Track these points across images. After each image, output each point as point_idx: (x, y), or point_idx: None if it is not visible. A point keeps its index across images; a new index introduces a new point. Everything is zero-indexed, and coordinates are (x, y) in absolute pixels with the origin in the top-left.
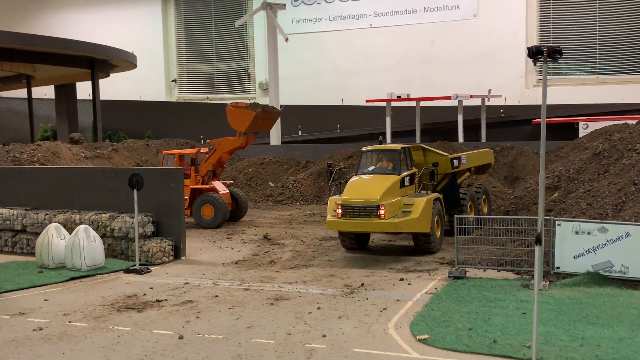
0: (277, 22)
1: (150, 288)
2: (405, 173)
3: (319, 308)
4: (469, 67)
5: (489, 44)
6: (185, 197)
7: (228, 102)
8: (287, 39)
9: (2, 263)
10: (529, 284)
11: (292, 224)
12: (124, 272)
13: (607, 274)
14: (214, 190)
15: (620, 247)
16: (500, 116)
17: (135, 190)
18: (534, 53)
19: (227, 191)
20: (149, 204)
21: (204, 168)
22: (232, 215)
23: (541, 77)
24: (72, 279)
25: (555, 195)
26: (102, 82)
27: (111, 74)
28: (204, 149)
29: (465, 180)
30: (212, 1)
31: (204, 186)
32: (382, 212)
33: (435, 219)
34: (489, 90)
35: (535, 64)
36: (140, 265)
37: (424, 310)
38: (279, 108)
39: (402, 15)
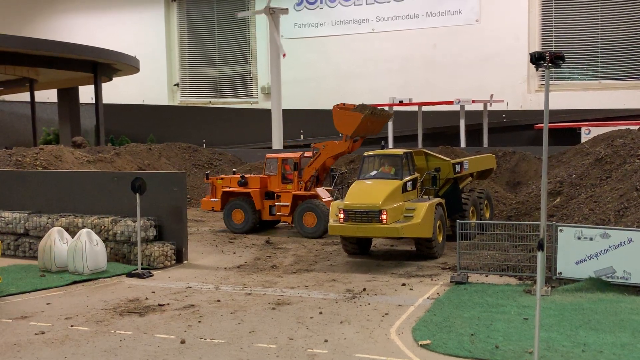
0: (277, 35)
1: (153, 292)
2: (408, 178)
3: (320, 313)
4: (471, 72)
5: (491, 49)
6: (287, 204)
7: (230, 106)
8: (284, 55)
9: (5, 267)
10: (531, 289)
11: (294, 228)
12: (126, 276)
13: (610, 279)
14: (317, 197)
15: (622, 253)
16: (502, 121)
17: (137, 194)
18: (536, 59)
19: (331, 198)
20: (152, 208)
21: (307, 173)
22: None
23: (543, 82)
24: (75, 282)
25: (558, 200)
26: (105, 86)
27: (114, 78)
28: (308, 153)
29: (468, 185)
30: (215, 5)
31: (306, 192)
32: (384, 217)
33: (438, 224)
34: (491, 95)
35: (537, 70)
36: (142, 269)
37: (426, 316)
38: (388, 112)
39: (404, 20)
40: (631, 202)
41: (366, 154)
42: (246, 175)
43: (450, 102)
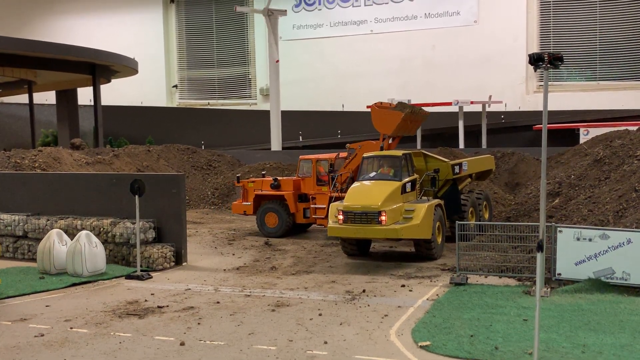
0: (272, 39)
1: (152, 294)
2: (407, 179)
3: (320, 314)
4: (470, 73)
5: (490, 50)
6: (323, 206)
7: (229, 107)
8: (277, 61)
9: (4, 269)
10: (530, 290)
11: (293, 229)
12: (126, 278)
13: (609, 280)
14: None
15: (621, 253)
16: (501, 122)
17: (136, 196)
18: (535, 60)
19: None
20: (151, 210)
21: (343, 175)
22: None
23: (542, 83)
24: (74, 284)
25: (556, 201)
26: (103, 88)
27: (112, 80)
28: (343, 154)
29: (467, 186)
30: (214, 7)
31: (343, 194)
32: (383, 218)
33: (437, 225)
34: (490, 96)
35: (536, 71)
36: (141, 271)
37: (425, 317)
38: (426, 111)
39: (403, 21)
40: (630, 202)
41: (365, 155)
42: (279, 178)
43: (449, 103)
